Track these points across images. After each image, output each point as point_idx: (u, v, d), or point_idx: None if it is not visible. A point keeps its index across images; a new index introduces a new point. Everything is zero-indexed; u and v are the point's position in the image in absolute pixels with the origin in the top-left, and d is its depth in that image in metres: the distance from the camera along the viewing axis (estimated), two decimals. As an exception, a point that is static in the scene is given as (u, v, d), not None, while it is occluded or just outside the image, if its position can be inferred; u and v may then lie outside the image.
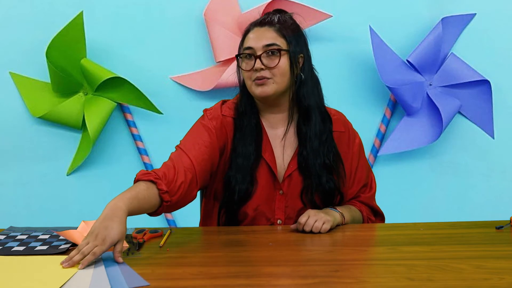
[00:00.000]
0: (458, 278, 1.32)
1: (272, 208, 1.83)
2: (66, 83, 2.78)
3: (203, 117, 1.86)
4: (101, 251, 1.40)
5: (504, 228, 1.72)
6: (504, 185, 2.89)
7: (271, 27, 1.80)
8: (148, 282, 1.31)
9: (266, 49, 1.77)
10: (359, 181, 1.91)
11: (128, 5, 2.83)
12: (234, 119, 1.85)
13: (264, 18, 1.84)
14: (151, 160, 2.87)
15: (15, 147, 2.90)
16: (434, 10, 2.79)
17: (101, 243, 1.40)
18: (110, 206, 1.47)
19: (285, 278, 1.37)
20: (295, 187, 1.83)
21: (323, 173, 1.81)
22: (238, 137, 1.82)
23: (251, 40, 1.79)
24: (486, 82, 2.79)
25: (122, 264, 1.42)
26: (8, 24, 2.83)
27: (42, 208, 2.92)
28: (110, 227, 1.42)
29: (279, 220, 1.84)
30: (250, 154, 1.80)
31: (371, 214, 1.94)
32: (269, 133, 1.86)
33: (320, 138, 1.82)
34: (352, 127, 1.94)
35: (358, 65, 2.85)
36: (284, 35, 1.79)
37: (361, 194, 1.92)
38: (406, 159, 2.88)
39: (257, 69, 1.76)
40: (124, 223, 1.46)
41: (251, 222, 1.83)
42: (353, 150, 1.90)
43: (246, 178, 1.79)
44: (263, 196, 1.82)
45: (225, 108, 1.87)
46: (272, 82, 1.77)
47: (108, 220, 1.43)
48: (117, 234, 1.42)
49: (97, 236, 1.41)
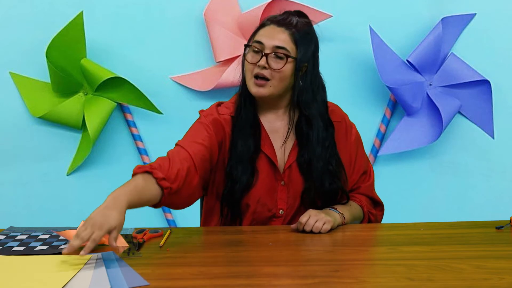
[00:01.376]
0: (458, 278, 1.32)
1: (274, 199, 1.84)
2: (66, 83, 2.78)
3: (199, 117, 1.88)
4: (99, 236, 1.40)
5: (504, 228, 1.72)
6: (504, 185, 2.89)
7: (287, 30, 1.80)
8: (148, 282, 1.31)
9: (275, 50, 1.78)
10: (359, 169, 1.93)
11: (128, 5, 2.83)
12: (232, 116, 1.86)
13: (283, 17, 1.83)
14: (151, 160, 2.87)
15: (15, 147, 2.89)
16: (434, 10, 2.79)
17: (99, 229, 1.41)
18: (110, 198, 1.49)
19: (285, 278, 1.38)
20: (296, 177, 1.85)
21: (326, 178, 1.83)
22: (237, 131, 1.84)
23: (264, 36, 1.80)
24: (486, 82, 2.79)
25: (122, 264, 1.42)
26: (8, 24, 2.83)
27: (42, 208, 2.92)
28: (108, 214, 1.43)
29: (281, 210, 1.85)
30: (249, 146, 1.82)
31: (371, 207, 1.95)
32: (267, 127, 1.88)
33: (323, 145, 1.83)
34: (348, 118, 1.97)
35: (358, 65, 2.85)
36: (296, 42, 1.80)
37: (361, 184, 1.94)
38: (406, 159, 2.89)
39: (260, 66, 1.77)
40: (123, 213, 1.47)
41: (253, 214, 1.84)
42: (351, 140, 1.92)
43: (247, 169, 1.81)
44: (264, 187, 1.83)
45: (222, 108, 1.89)
46: (269, 86, 1.79)
47: (107, 209, 1.45)
48: (115, 221, 1.43)
49: (94, 222, 1.42)
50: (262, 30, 1.82)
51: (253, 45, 1.81)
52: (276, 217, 1.85)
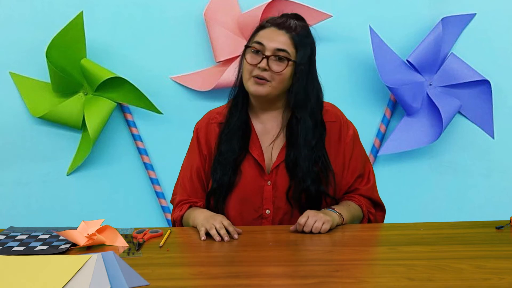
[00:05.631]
0: (458, 278, 1.32)
1: (260, 198, 1.85)
2: (66, 83, 2.78)
3: (194, 132, 1.97)
4: (225, 220, 1.71)
5: (504, 228, 1.72)
6: (504, 185, 2.89)
7: (288, 33, 1.81)
8: (148, 282, 1.31)
9: (276, 53, 1.79)
10: (354, 171, 1.91)
11: (128, 5, 2.83)
12: (220, 123, 1.92)
13: (283, 20, 1.84)
14: (151, 160, 2.87)
15: (15, 147, 2.89)
16: (434, 10, 2.79)
17: (221, 219, 1.71)
18: (206, 214, 1.78)
19: (285, 278, 1.38)
20: (283, 177, 1.85)
21: (308, 178, 1.82)
22: (224, 135, 1.88)
23: (265, 38, 1.81)
24: (486, 82, 2.79)
25: (122, 264, 1.42)
26: (8, 24, 2.83)
27: (42, 208, 2.92)
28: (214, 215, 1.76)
29: (268, 210, 1.85)
30: (233, 148, 1.86)
31: (370, 206, 1.93)
32: (259, 128, 1.90)
33: (310, 145, 1.83)
34: (346, 118, 1.95)
35: (358, 65, 2.84)
36: (296, 45, 1.81)
37: (359, 186, 1.92)
38: (406, 159, 2.88)
39: (261, 68, 1.78)
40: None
41: (240, 214, 1.85)
42: (346, 141, 1.90)
43: (228, 169, 1.85)
44: (248, 187, 1.85)
45: (214, 114, 1.96)
46: (269, 86, 1.80)
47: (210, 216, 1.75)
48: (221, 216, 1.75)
49: (213, 220, 1.72)
50: (262, 32, 1.83)
51: (253, 45, 1.81)
52: (263, 217, 1.85)
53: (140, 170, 2.89)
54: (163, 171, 2.88)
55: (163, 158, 2.88)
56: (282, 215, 1.85)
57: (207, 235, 1.67)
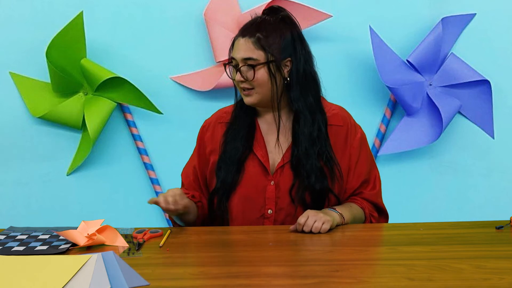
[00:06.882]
0: (458, 278, 1.32)
1: (262, 198, 1.85)
2: (66, 83, 2.78)
3: (200, 129, 1.99)
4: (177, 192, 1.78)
5: (504, 228, 1.72)
6: (504, 185, 2.89)
7: (250, 38, 1.82)
8: (148, 282, 1.31)
9: (245, 62, 1.82)
10: (359, 175, 1.90)
11: (128, 5, 2.83)
12: (227, 123, 1.92)
13: (248, 25, 1.86)
14: (151, 160, 2.87)
15: (15, 147, 2.89)
16: (434, 10, 2.79)
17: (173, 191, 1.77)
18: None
19: (285, 278, 1.38)
20: (287, 177, 1.84)
21: (313, 174, 1.82)
22: (228, 135, 1.89)
23: (234, 50, 1.85)
24: (486, 82, 2.79)
25: (122, 264, 1.42)
26: (8, 24, 2.83)
27: (42, 208, 2.92)
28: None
29: (270, 210, 1.85)
30: (238, 148, 1.86)
31: (373, 210, 1.92)
32: (265, 128, 1.90)
33: (311, 140, 1.83)
34: (354, 122, 1.94)
35: (358, 65, 2.84)
36: (263, 46, 1.80)
37: (364, 191, 1.91)
38: (406, 159, 2.88)
39: (240, 81, 1.82)
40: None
41: (242, 213, 1.85)
42: (353, 145, 1.89)
43: (232, 168, 1.85)
44: (251, 186, 1.84)
45: (222, 113, 1.96)
46: (255, 93, 1.83)
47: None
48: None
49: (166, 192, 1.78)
50: (233, 46, 1.87)
51: (228, 62, 1.87)
52: (265, 217, 1.85)
53: (140, 170, 2.89)
54: (163, 171, 2.88)
55: (163, 158, 2.88)
56: (284, 216, 1.84)
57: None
